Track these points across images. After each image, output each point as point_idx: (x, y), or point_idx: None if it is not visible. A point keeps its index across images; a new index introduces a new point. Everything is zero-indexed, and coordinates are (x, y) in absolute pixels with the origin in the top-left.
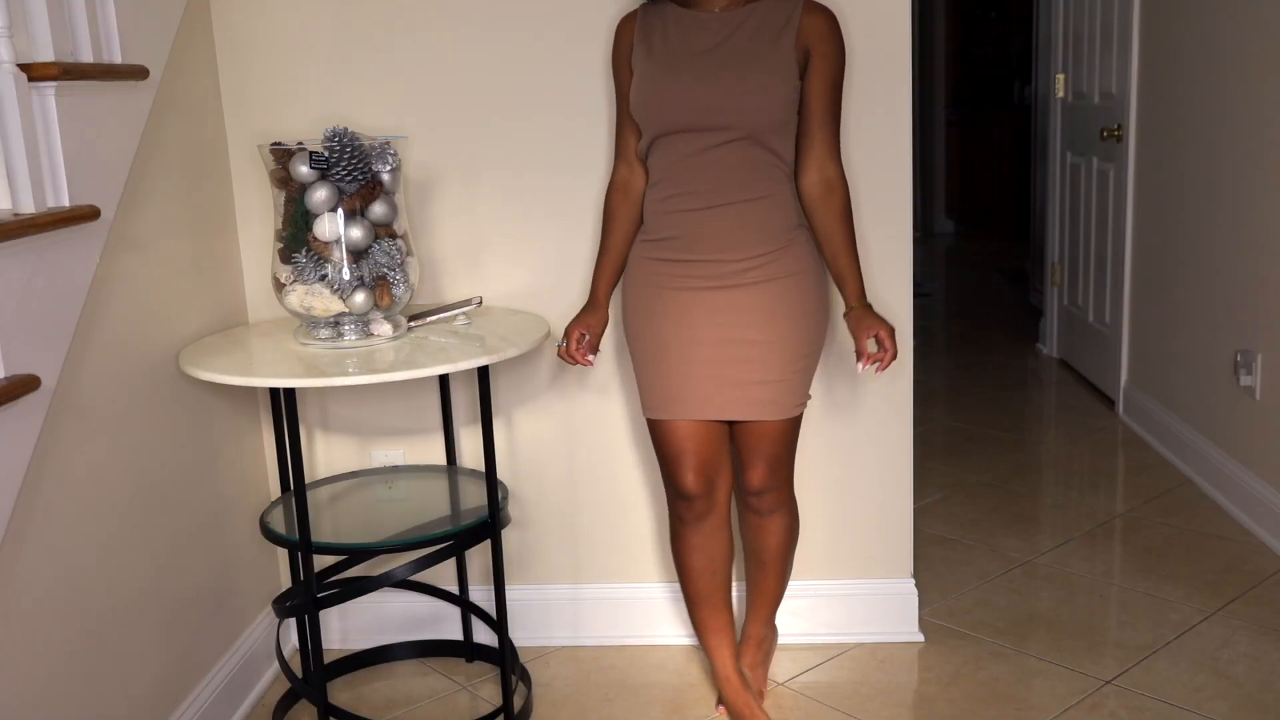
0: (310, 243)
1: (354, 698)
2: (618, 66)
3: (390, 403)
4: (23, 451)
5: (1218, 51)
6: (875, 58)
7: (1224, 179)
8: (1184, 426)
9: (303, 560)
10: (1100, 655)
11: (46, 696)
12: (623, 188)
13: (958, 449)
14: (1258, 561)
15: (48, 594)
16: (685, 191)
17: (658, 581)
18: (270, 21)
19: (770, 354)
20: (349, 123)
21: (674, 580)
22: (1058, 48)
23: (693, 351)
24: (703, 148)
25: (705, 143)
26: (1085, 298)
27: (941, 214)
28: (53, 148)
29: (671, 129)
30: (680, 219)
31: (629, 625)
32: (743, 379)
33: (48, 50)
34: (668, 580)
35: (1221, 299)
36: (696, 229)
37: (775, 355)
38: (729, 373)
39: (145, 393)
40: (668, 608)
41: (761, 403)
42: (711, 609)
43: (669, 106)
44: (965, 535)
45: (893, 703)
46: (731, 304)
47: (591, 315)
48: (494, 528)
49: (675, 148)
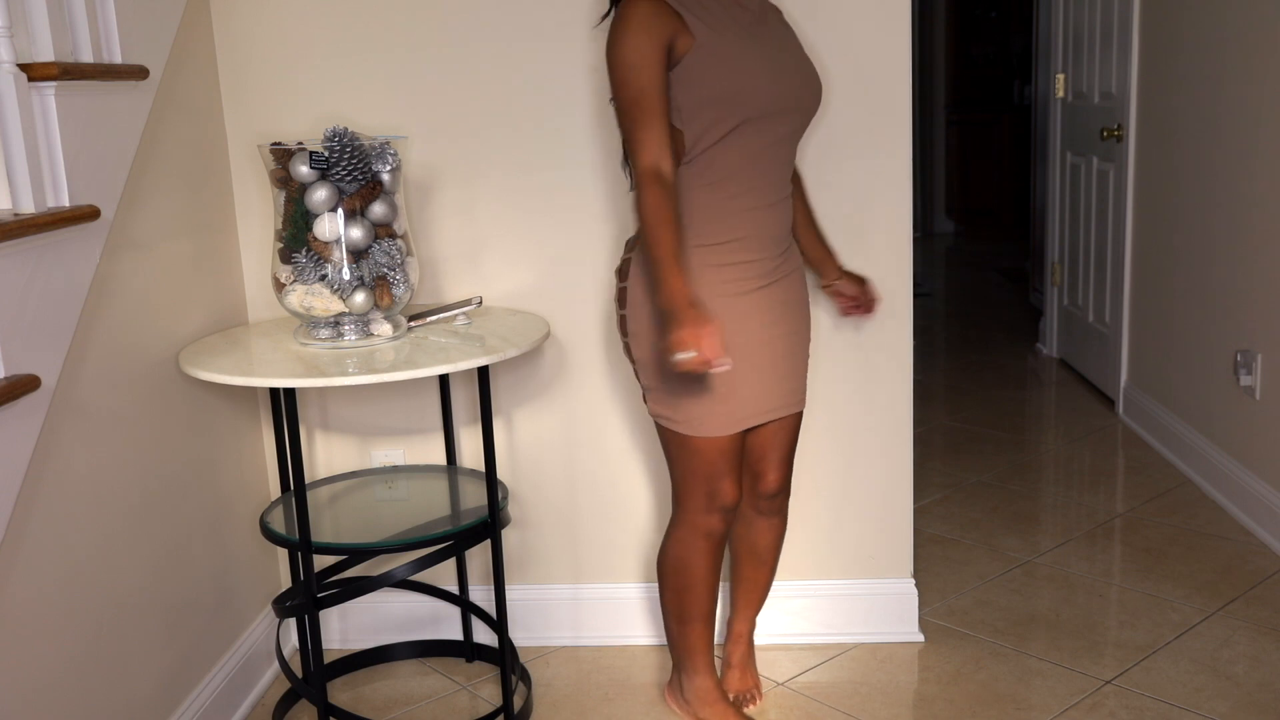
0: (310, 243)
1: (354, 698)
2: (652, 56)
3: (390, 403)
4: (23, 451)
5: (1218, 51)
6: (875, 57)
7: (1224, 179)
8: (1184, 426)
9: (303, 560)
10: (1100, 655)
11: (46, 696)
12: (673, 187)
13: (958, 449)
14: (1258, 561)
15: (48, 594)
16: (755, 188)
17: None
18: (270, 21)
19: (801, 344)
20: (349, 123)
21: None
22: (1058, 47)
23: (753, 356)
24: (779, 137)
25: (783, 130)
26: (1085, 297)
27: (941, 214)
28: (53, 148)
29: (765, 113)
30: (750, 218)
31: (629, 625)
32: (789, 372)
33: (48, 50)
34: None
35: (1221, 299)
36: (759, 228)
37: (804, 345)
38: (781, 368)
39: (145, 393)
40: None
41: (797, 393)
42: (709, 624)
43: (770, 87)
44: (965, 535)
45: (893, 703)
46: (774, 299)
47: (710, 316)
48: (494, 528)
49: (755, 137)
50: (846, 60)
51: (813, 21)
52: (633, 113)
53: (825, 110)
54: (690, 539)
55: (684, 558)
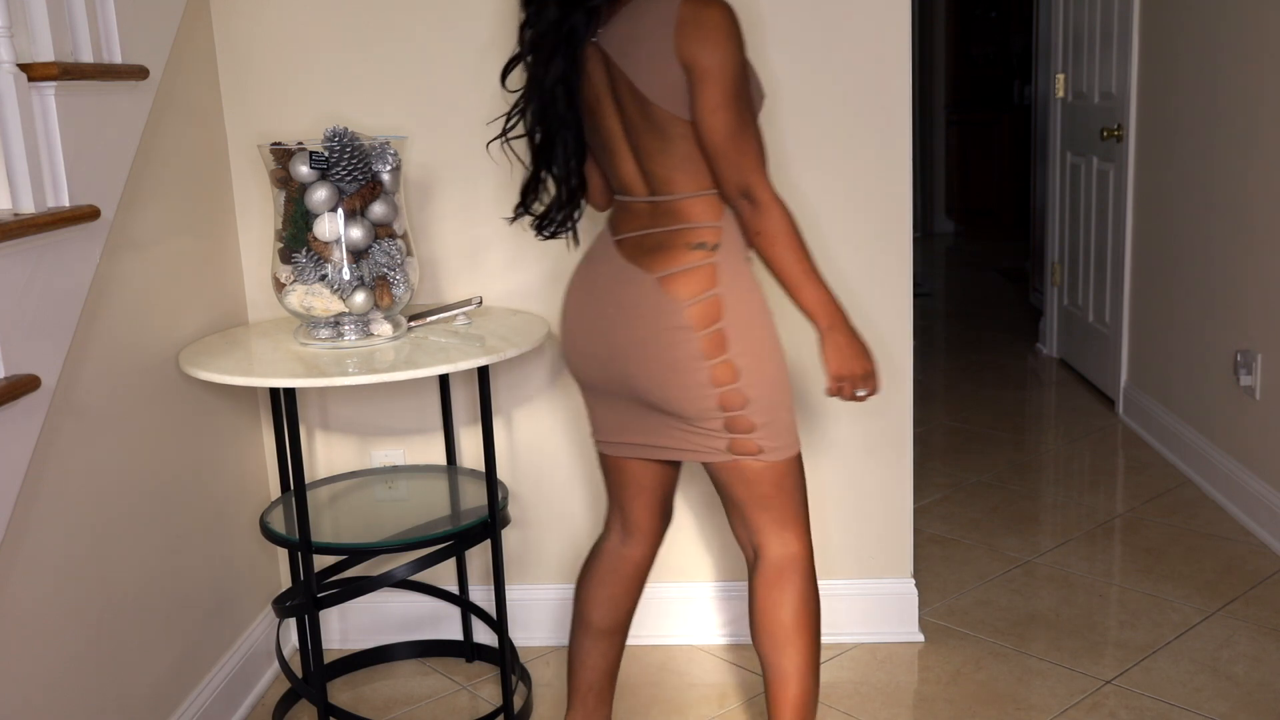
0: (310, 243)
1: (354, 698)
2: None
3: (390, 403)
4: (22, 451)
5: (1218, 51)
6: (875, 58)
7: (1224, 178)
8: (1184, 426)
9: (303, 560)
10: (1100, 655)
11: (46, 696)
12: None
13: (958, 449)
14: (1258, 561)
15: (47, 594)
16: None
17: (658, 582)
18: (270, 21)
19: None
20: (349, 123)
21: (673, 580)
22: (1058, 47)
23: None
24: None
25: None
26: (1085, 297)
27: (941, 214)
28: (53, 148)
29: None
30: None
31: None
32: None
33: (48, 50)
34: (668, 580)
35: (1221, 298)
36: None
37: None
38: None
39: (145, 393)
40: (668, 607)
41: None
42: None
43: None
44: (965, 535)
45: (893, 703)
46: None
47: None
48: (494, 528)
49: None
50: (847, 60)
51: (813, 21)
52: (749, 115)
53: (826, 110)
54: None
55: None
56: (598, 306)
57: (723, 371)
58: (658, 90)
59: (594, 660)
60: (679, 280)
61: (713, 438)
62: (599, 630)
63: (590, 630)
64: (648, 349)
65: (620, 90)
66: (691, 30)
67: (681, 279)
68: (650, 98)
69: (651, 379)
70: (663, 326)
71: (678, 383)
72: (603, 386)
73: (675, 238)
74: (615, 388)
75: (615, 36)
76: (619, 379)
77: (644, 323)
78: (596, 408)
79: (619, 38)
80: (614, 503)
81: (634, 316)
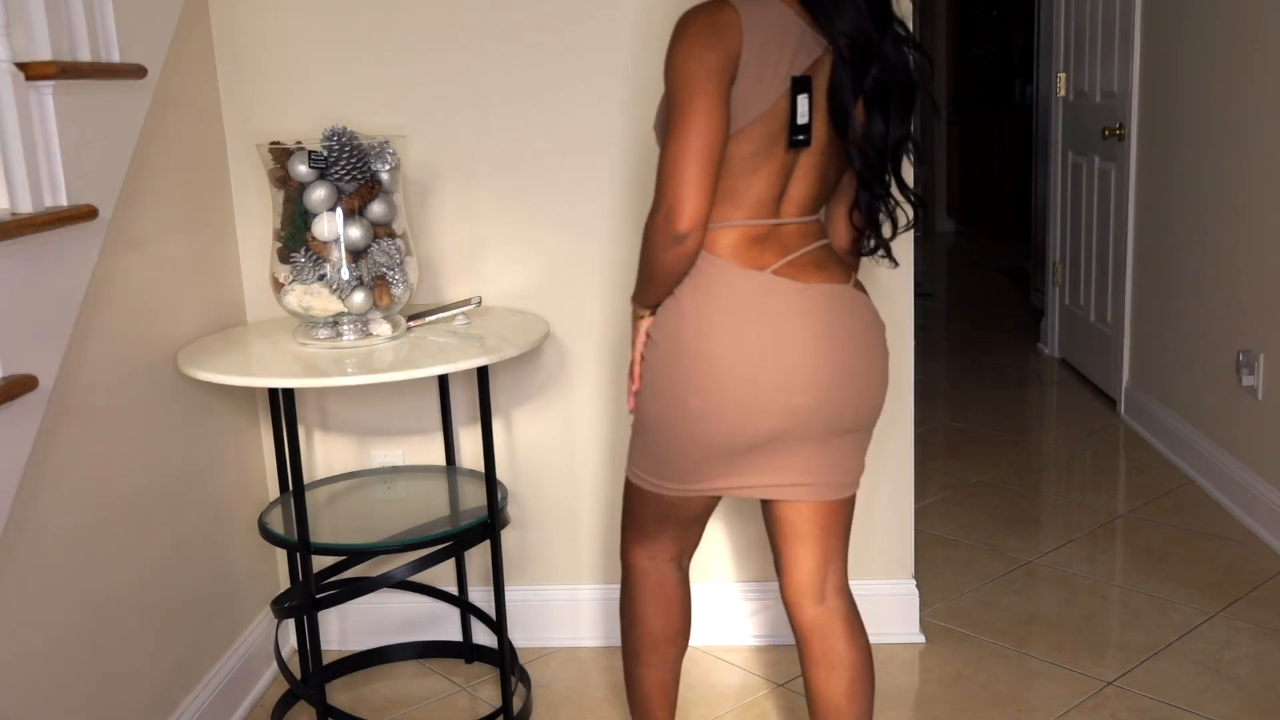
0: (309, 242)
1: (353, 699)
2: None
3: (389, 403)
4: (20, 452)
5: (1219, 50)
6: None
7: (1225, 178)
8: (1186, 427)
9: (301, 561)
10: (1102, 656)
11: (45, 696)
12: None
13: (958, 449)
14: (1260, 562)
15: (45, 595)
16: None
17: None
18: (269, 21)
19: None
20: (348, 122)
21: None
22: (1059, 47)
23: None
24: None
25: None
26: (1086, 297)
27: (942, 214)
28: (50, 147)
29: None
30: None
31: None
32: None
33: (45, 49)
34: None
35: (1223, 298)
36: None
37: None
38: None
39: (144, 393)
40: None
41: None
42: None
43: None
44: (966, 536)
45: (893, 704)
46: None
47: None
48: (493, 528)
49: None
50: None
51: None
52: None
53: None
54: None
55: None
56: (818, 339)
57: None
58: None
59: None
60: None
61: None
62: (664, 639)
63: (659, 643)
64: (877, 364)
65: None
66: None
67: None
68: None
69: (879, 393)
70: (880, 334)
71: (884, 387)
72: (802, 430)
73: (829, 251)
74: (822, 428)
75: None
76: (837, 410)
77: (875, 337)
78: (756, 456)
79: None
80: (666, 535)
81: (865, 333)
